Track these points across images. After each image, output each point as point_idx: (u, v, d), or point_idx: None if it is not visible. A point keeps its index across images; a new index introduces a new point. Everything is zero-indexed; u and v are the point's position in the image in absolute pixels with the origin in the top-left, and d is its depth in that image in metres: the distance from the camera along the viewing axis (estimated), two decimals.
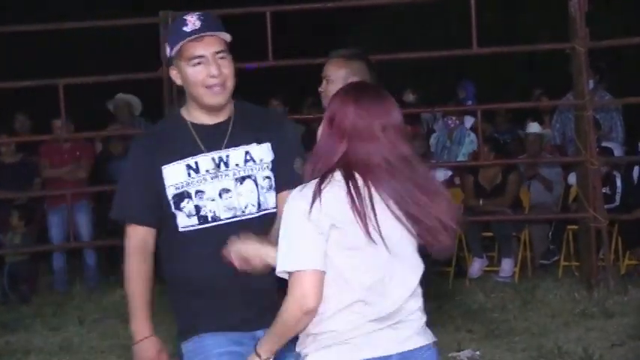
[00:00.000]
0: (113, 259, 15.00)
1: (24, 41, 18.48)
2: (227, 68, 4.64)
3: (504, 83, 19.91)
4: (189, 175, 4.66)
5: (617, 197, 12.84)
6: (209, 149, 4.67)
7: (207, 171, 4.65)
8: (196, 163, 4.66)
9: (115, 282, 13.84)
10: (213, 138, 4.69)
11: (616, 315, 10.42)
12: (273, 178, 4.71)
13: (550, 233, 13.38)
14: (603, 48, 13.14)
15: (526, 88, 16.86)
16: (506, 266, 12.59)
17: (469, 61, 18.23)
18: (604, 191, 12.27)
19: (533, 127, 13.82)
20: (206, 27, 4.61)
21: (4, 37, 16.64)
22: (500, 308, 10.89)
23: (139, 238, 4.74)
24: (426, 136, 15.56)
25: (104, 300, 12.75)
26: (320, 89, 6.50)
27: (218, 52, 4.63)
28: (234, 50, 4.74)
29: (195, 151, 4.67)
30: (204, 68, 4.61)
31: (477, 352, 7.43)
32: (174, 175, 4.67)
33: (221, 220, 4.62)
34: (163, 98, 11.89)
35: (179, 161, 4.67)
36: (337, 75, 6.44)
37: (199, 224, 4.64)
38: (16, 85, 13.56)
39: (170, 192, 4.67)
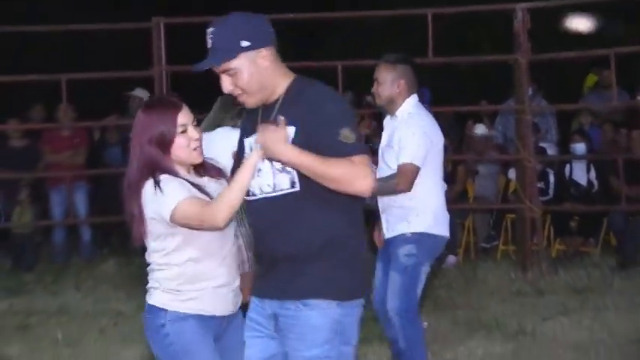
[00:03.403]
0: (106, 234, 15.04)
1: (32, 39, 18.44)
2: (240, 80, 4.29)
3: (454, 89, 19.93)
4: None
5: (550, 191, 12.92)
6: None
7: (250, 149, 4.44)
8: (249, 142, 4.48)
9: (107, 254, 13.88)
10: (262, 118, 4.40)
11: (547, 293, 10.49)
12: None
13: (491, 221, 13.46)
14: (543, 60, 13.18)
15: (473, 95, 16.88)
16: (451, 260, 12.54)
17: (426, 70, 18.25)
18: (539, 185, 12.35)
19: (480, 129, 13.88)
20: None
21: (16, 36, 16.59)
22: (445, 286, 10.94)
23: None
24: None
25: (98, 269, 12.77)
26: (372, 90, 6.71)
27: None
28: None
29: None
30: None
31: (425, 323, 7.47)
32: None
33: (255, 195, 4.39)
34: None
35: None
36: (386, 77, 6.71)
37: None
38: (25, 79, 13.48)
39: None
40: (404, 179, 6.53)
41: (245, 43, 4.25)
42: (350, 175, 4.12)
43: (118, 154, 14.43)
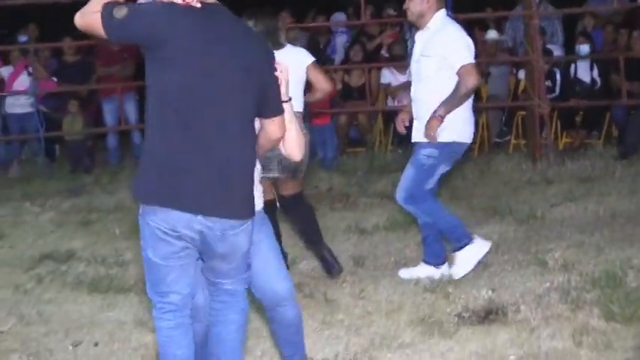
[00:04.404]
0: None
1: None
2: None
3: None
4: None
5: (557, 89, 12.83)
6: None
7: None
8: None
9: None
10: None
11: (555, 182, 10.48)
12: None
13: (503, 118, 13.42)
14: None
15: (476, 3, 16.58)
16: None
17: None
18: (546, 84, 12.28)
19: (491, 34, 13.76)
20: None
21: None
22: (461, 177, 10.94)
23: None
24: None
25: None
26: (404, 6, 6.66)
27: None
28: None
29: None
30: None
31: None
32: None
33: None
34: None
35: None
36: None
37: None
38: None
39: None
40: (471, 78, 6.51)
41: None
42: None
43: None
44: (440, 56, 6.57)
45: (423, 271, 6.82)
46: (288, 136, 4.25)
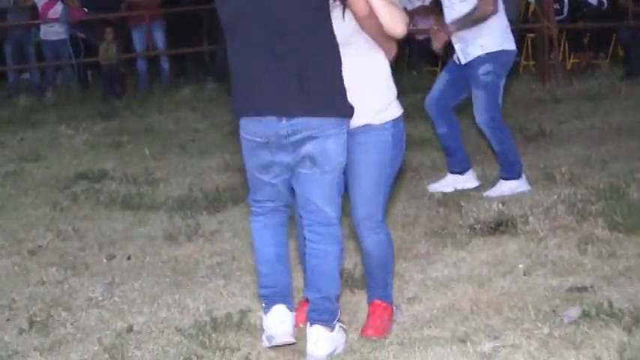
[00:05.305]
0: (182, 65, 15.06)
1: None
2: None
3: None
4: None
5: (565, 11, 12.69)
6: None
7: None
8: None
9: (184, 82, 13.90)
10: None
11: (563, 101, 10.43)
12: None
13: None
14: None
15: None
16: None
17: None
18: (555, 7, 12.14)
19: None
20: None
21: None
22: None
23: None
24: None
25: (176, 95, 12.82)
26: None
27: None
28: None
29: None
30: None
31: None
32: None
33: None
34: None
35: None
36: None
37: None
38: None
39: None
40: (489, 6, 6.43)
41: None
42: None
43: None
44: None
45: (451, 181, 6.84)
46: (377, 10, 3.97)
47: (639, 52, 11.71)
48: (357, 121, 4.01)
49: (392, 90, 4.22)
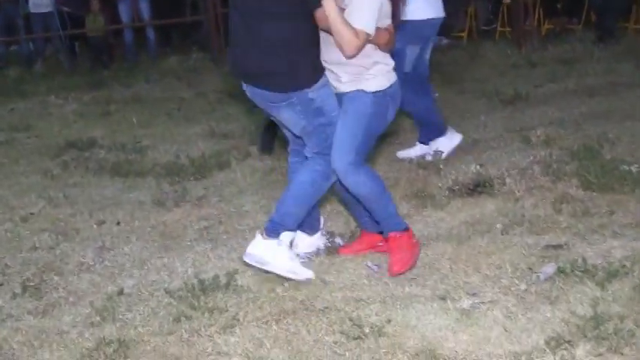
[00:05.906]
0: (167, 35, 14.96)
1: None
2: None
3: None
4: None
5: None
6: None
7: None
8: None
9: (170, 52, 13.83)
10: None
11: (538, 65, 10.41)
12: None
13: (490, 7, 13.31)
14: None
15: None
16: (443, 41, 12.40)
17: None
18: None
19: None
20: None
21: None
22: (452, 63, 10.86)
23: None
24: None
25: (162, 65, 12.76)
26: None
27: None
28: None
29: None
30: None
31: (436, 94, 7.44)
32: None
33: None
34: None
35: None
36: None
37: None
38: None
39: None
40: None
41: None
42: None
43: None
44: None
45: (418, 150, 6.79)
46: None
47: (611, 17, 11.68)
48: (343, 88, 4.32)
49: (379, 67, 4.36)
